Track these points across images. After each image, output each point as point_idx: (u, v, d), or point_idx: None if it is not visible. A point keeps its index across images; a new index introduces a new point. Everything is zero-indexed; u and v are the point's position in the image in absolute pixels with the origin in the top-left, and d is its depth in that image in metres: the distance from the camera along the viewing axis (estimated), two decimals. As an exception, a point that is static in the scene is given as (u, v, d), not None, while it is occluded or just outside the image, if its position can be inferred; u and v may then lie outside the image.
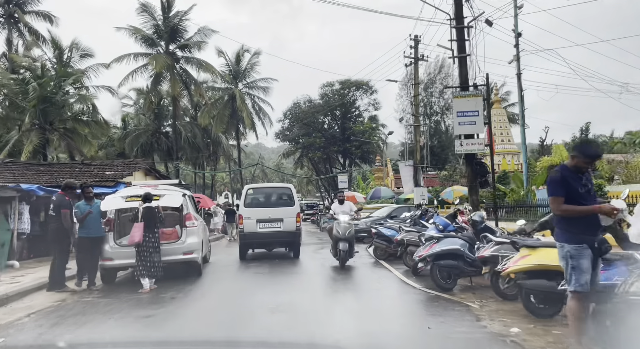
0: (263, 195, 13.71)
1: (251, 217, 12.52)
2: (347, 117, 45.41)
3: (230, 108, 37.08)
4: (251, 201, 13.25)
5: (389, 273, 10.26)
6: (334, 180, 49.67)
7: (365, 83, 44.34)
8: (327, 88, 44.82)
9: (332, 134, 45.71)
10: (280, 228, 12.48)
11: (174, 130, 31.44)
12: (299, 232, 12.89)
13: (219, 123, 36.57)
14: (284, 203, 13.02)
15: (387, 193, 26.95)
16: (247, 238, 12.69)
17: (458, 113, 10.84)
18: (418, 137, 18.62)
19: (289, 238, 12.74)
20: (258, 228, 12.44)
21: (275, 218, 12.49)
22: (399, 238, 10.26)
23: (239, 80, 37.73)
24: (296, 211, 12.88)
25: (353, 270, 10.98)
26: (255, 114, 37.91)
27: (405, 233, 10.20)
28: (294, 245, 13.03)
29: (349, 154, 45.26)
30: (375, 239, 12.07)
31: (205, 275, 10.36)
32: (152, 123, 36.71)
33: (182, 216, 9.57)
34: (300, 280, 10.07)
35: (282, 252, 14.04)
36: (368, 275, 10.46)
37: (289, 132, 46.63)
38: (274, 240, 12.86)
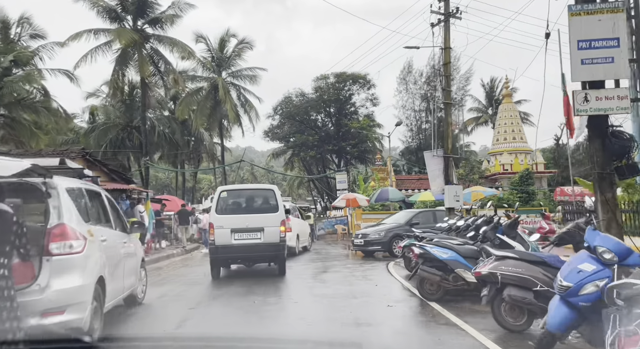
0: (240, 199, 10.76)
1: (224, 226, 9.66)
2: (342, 113, 40.50)
3: (213, 100, 31.88)
4: (225, 206, 10.28)
5: (465, 339, 5.15)
6: (328, 182, 44.77)
7: (362, 77, 39.54)
8: (321, 81, 39.88)
9: (326, 132, 40.75)
10: (261, 239, 9.70)
11: (143, 121, 26.12)
12: (284, 244, 10.10)
13: (200, 116, 31.34)
14: (266, 208, 10.18)
15: (396, 194, 21.96)
16: (220, 253, 9.75)
17: (580, 43, 5.81)
18: (449, 118, 13.61)
19: (271, 252, 9.92)
20: (233, 239, 9.62)
21: (255, 228, 9.69)
22: (485, 270, 5.17)
23: (222, 68, 32.55)
24: (280, 218, 9.98)
25: (385, 323, 5.90)
26: (240, 107, 32.73)
27: (499, 263, 5.13)
28: (279, 260, 10.22)
29: (344, 154, 40.30)
30: (422, 266, 6.98)
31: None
32: (122, 115, 31.29)
33: (44, 231, 4.32)
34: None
35: (265, 268, 11.07)
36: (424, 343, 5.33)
37: (279, 130, 41.58)
38: (253, 254, 10.00)
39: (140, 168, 25.80)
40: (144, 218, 14.27)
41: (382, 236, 14.18)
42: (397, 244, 14.17)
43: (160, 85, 25.77)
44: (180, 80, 26.14)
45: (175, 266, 13.49)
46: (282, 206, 10.25)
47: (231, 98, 31.10)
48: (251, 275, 10.71)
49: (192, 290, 8.71)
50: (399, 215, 15.65)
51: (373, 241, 14.22)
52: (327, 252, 16.85)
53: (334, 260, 13.97)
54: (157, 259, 14.47)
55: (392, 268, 11.35)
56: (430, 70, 39.76)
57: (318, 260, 13.94)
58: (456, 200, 13.19)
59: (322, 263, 13.01)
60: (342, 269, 11.40)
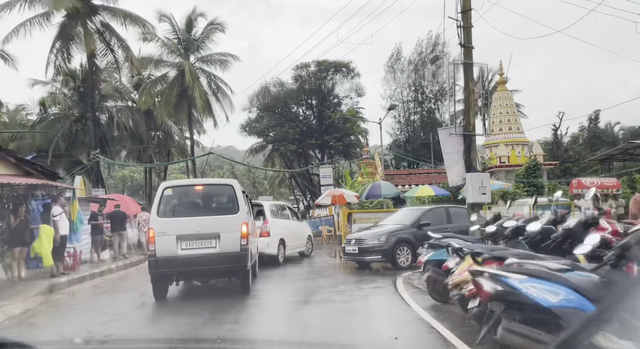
0: (188, 198, 8.14)
1: (168, 232, 7.24)
2: (324, 105, 36.80)
3: (180, 87, 27.79)
4: (169, 207, 7.81)
5: None
6: (311, 179, 41.02)
7: (345, 65, 35.93)
8: (301, 70, 36.10)
9: (307, 125, 36.99)
10: (216, 248, 7.30)
11: (91, 107, 21.87)
12: (246, 253, 7.46)
13: (165, 106, 27.21)
14: (223, 209, 7.81)
15: (389, 189, 18.35)
16: (162, 267, 7.21)
17: None
18: (471, 82, 9.98)
19: (229, 264, 7.40)
20: (179, 249, 7.22)
21: (208, 234, 7.32)
22: None
23: (190, 52, 28.47)
24: (241, 220, 7.48)
25: None
26: (212, 95, 28.68)
27: None
28: (240, 274, 7.69)
29: (328, 148, 36.59)
30: (506, 321, 3.25)
31: None
32: (75, 106, 26.90)
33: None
34: None
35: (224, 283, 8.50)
36: None
37: (257, 124, 37.66)
38: (206, 268, 7.42)
39: (88, 164, 21.56)
40: (59, 223, 10.28)
41: (382, 242, 10.52)
42: (402, 252, 10.58)
43: (115, 67, 21.61)
44: (137, 62, 21.99)
45: (99, 288, 9.56)
46: (244, 205, 7.76)
47: (200, 85, 27.07)
48: (203, 293, 8.11)
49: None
50: (402, 214, 12.01)
51: (371, 248, 10.56)
52: (311, 261, 13.11)
53: (319, 276, 10.27)
54: (80, 279, 10.49)
55: (404, 290, 7.70)
56: (418, 58, 36.43)
57: (299, 277, 10.20)
58: (482, 193, 9.60)
59: (303, 283, 9.28)
60: (333, 295, 7.67)
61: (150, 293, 7.58)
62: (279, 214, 12.94)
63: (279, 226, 12.20)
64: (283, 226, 12.51)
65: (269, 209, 12.13)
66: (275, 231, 11.88)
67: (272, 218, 12.08)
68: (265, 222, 11.65)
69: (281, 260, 12.21)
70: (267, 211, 11.96)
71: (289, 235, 12.81)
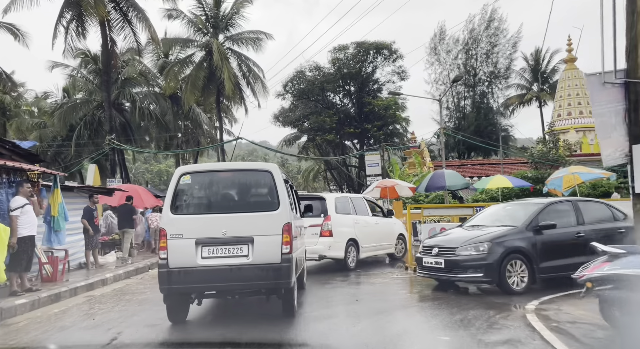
0: (211, 188, 5.70)
1: (185, 235, 5.23)
2: (364, 90, 33.04)
3: (207, 69, 24.79)
4: (187, 200, 5.58)
5: None
6: (349, 172, 37.51)
7: (387, 46, 32.02)
8: (339, 52, 32.49)
9: (345, 113, 33.37)
10: (248, 257, 5.22)
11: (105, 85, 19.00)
12: (288, 265, 5.24)
13: (192, 89, 24.26)
14: (257, 203, 5.61)
15: (456, 179, 14.46)
16: (177, 281, 5.15)
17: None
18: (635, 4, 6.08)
19: (266, 280, 5.24)
20: (200, 258, 5.20)
21: (237, 237, 5.24)
22: None
23: (219, 30, 25.37)
24: (283, 219, 5.32)
25: None
26: (242, 78, 25.53)
27: None
28: (282, 292, 5.48)
29: (367, 138, 32.87)
30: None
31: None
32: (96, 90, 24.38)
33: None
34: None
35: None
36: None
37: (291, 113, 34.35)
38: (234, 283, 5.26)
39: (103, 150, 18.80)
40: (20, 220, 7.16)
41: (484, 252, 6.85)
42: (515, 268, 6.89)
43: (132, 40, 18.76)
44: (156, 36, 19.00)
45: (66, 317, 6.37)
46: (286, 199, 5.55)
47: (229, 66, 23.95)
48: (229, 316, 6.16)
49: None
50: (504, 211, 8.25)
51: (466, 262, 6.91)
52: (366, 275, 9.54)
53: (394, 306, 6.70)
54: (52, 298, 7.37)
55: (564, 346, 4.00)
56: (469, 36, 32.01)
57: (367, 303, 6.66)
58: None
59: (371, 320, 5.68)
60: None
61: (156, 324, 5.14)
62: (349, 209, 10.23)
63: (348, 224, 9.85)
64: (355, 224, 10.05)
65: (333, 203, 9.65)
66: (342, 230, 9.57)
67: (338, 215, 9.62)
68: (326, 219, 9.27)
69: (352, 264, 9.80)
70: (331, 206, 9.55)
71: (366, 233, 10.28)
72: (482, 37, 31.39)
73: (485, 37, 31.38)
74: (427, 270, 7.54)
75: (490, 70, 31.97)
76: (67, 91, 27.25)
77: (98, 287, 8.79)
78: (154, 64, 27.61)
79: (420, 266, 7.73)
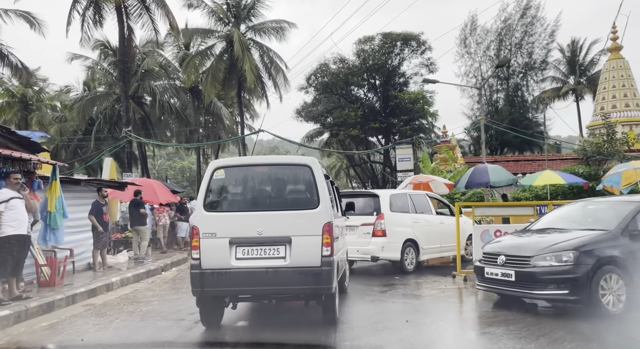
0: (246, 184, 5.25)
1: (218, 234, 4.87)
2: (390, 83, 31.40)
3: (228, 60, 23.68)
4: (220, 196, 5.18)
5: None
6: (373, 169, 35.99)
7: (414, 37, 30.32)
8: (364, 44, 30.96)
9: (370, 107, 31.83)
10: (285, 260, 4.82)
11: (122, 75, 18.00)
12: (329, 269, 4.79)
13: (212, 82, 23.20)
14: (295, 201, 5.12)
15: (501, 174, 12.86)
16: (210, 283, 4.81)
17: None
18: None
19: (305, 284, 4.83)
20: (234, 259, 4.83)
21: (273, 238, 4.88)
22: None
23: (240, 20, 24.21)
24: (323, 218, 4.90)
25: None
26: (264, 70, 24.33)
27: None
28: (324, 299, 5.03)
29: (393, 133, 31.26)
30: None
31: None
32: (116, 82, 23.58)
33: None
34: None
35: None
36: None
37: (313, 108, 33.01)
38: (271, 288, 4.85)
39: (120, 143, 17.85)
40: (4, 216, 6.04)
41: (569, 263, 5.40)
42: (609, 283, 5.39)
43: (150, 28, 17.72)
44: (174, 22, 17.92)
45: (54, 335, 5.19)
46: (326, 196, 4.98)
47: (251, 57, 22.77)
48: (266, 321, 5.60)
49: None
50: (586, 210, 6.69)
51: (545, 274, 5.47)
52: (409, 284, 8.13)
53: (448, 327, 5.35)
54: (42, 309, 6.24)
55: None
56: (502, 25, 29.95)
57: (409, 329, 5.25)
58: None
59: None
60: None
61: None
62: (407, 206, 9.36)
63: (406, 223, 9.07)
64: (414, 223, 9.20)
65: (387, 200, 8.88)
66: (398, 229, 8.81)
67: (393, 213, 8.85)
68: (379, 217, 8.61)
69: (410, 267, 9.00)
70: (385, 203, 8.81)
71: (428, 233, 9.42)
72: (517, 26, 29.32)
73: (520, 26, 29.30)
74: (491, 283, 6.08)
75: (525, 61, 29.85)
76: (87, 84, 26.61)
77: (101, 293, 7.65)
78: (175, 56, 26.71)
79: (481, 278, 6.26)
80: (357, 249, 8.47)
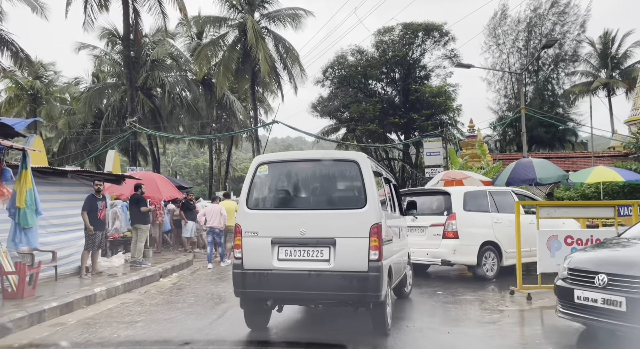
0: (290, 181, 5.04)
1: (260, 233, 4.69)
2: (410, 76, 29.62)
3: (241, 50, 22.28)
4: (263, 194, 4.97)
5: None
6: (391, 166, 34.22)
7: (437, 27, 28.47)
8: (384, 35, 29.24)
9: (389, 101, 30.12)
10: (329, 263, 4.50)
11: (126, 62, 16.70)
12: (377, 275, 4.37)
13: (225, 72, 21.82)
14: (340, 199, 4.86)
15: (549, 170, 11.13)
16: (252, 285, 4.62)
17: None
18: None
19: (350, 290, 4.43)
20: (276, 260, 4.61)
21: (316, 238, 4.57)
22: None
23: (254, 7, 22.75)
24: (370, 218, 4.47)
25: None
26: (279, 60, 22.84)
27: None
28: (372, 306, 4.59)
29: (413, 129, 29.49)
30: None
31: None
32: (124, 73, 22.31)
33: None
34: None
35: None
36: None
37: (329, 102, 31.45)
38: (313, 292, 4.57)
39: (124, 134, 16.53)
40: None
41: None
42: None
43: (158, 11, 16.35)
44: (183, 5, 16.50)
45: None
46: (374, 195, 4.55)
47: (265, 45, 21.29)
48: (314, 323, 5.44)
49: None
50: None
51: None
52: (460, 302, 6.53)
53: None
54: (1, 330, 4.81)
55: None
56: (533, 14, 27.86)
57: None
58: None
59: None
60: None
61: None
62: (486, 205, 8.27)
63: (484, 223, 8.05)
64: (494, 223, 8.10)
65: (460, 198, 7.97)
66: (473, 230, 7.86)
67: (467, 212, 7.92)
68: (450, 217, 7.78)
69: (491, 273, 7.93)
70: (457, 202, 7.92)
71: (513, 236, 7.80)
72: (548, 15, 27.23)
73: (551, 15, 27.21)
74: (584, 311, 4.42)
75: (555, 52, 27.75)
76: (96, 76, 25.50)
77: (79, 308, 6.21)
78: (187, 47, 25.41)
79: (568, 304, 4.60)
80: (426, 252, 7.80)
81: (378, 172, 5.18)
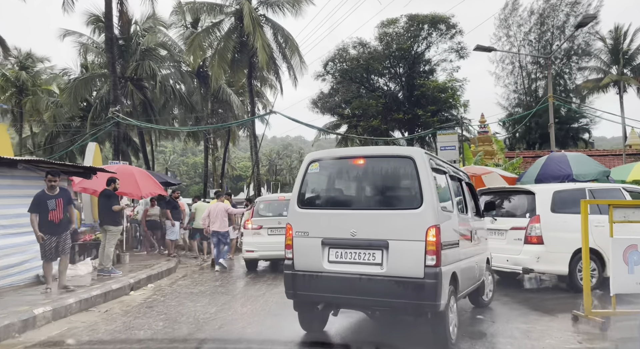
0: (341, 179, 4.82)
1: (311, 233, 4.45)
2: (415, 71, 28.09)
3: (238, 39, 20.71)
4: (315, 193, 4.79)
5: None
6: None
7: (443, 19, 26.94)
8: (387, 27, 27.71)
9: (392, 97, 28.60)
10: (382, 267, 4.11)
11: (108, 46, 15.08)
12: (435, 282, 3.89)
13: (220, 62, 20.23)
14: (394, 198, 4.44)
15: (587, 166, 9.63)
16: (302, 287, 4.39)
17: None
18: None
19: (404, 298, 3.97)
20: (326, 262, 4.33)
21: (367, 240, 4.20)
22: None
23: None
24: (427, 220, 3.99)
25: None
26: (278, 50, 21.26)
27: None
28: (430, 316, 4.09)
29: (417, 125, 27.96)
30: None
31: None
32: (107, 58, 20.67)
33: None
34: None
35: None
36: None
37: (330, 98, 29.91)
38: (364, 298, 4.17)
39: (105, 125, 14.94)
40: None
41: None
42: None
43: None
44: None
45: None
46: (433, 194, 4.07)
47: (262, 33, 19.71)
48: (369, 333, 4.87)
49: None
50: None
51: None
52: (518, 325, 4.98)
53: None
54: None
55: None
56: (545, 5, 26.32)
57: None
58: None
59: None
60: None
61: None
62: (577, 205, 6.63)
63: (578, 228, 6.21)
64: (594, 227, 6.36)
65: (548, 198, 6.87)
66: (563, 235, 6.64)
67: (556, 214, 6.78)
68: (533, 220, 6.72)
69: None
70: (543, 202, 6.84)
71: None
72: (561, 6, 25.72)
73: (564, 6, 25.70)
74: None
75: (568, 46, 26.24)
76: (85, 66, 23.89)
77: (9, 337, 4.63)
78: (181, 36, 23.82)
79: None
80: (506, 258, 6.91)
81: (439, 168, 4.55)
